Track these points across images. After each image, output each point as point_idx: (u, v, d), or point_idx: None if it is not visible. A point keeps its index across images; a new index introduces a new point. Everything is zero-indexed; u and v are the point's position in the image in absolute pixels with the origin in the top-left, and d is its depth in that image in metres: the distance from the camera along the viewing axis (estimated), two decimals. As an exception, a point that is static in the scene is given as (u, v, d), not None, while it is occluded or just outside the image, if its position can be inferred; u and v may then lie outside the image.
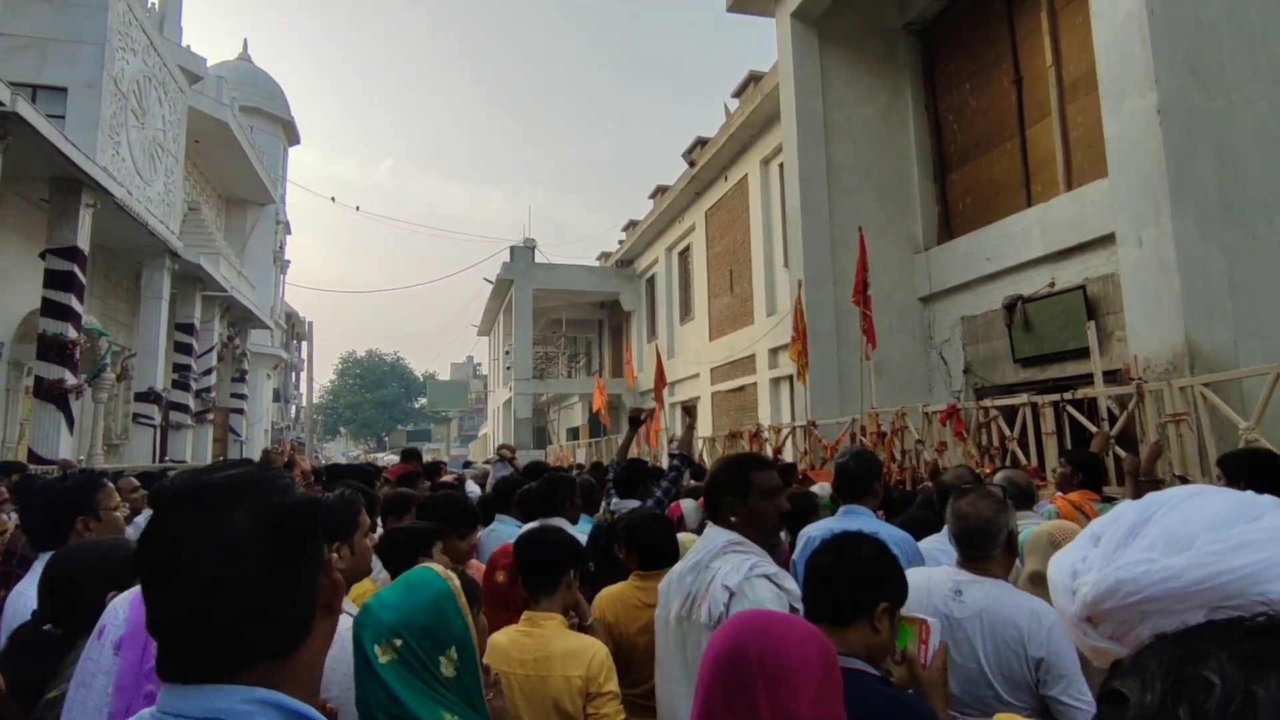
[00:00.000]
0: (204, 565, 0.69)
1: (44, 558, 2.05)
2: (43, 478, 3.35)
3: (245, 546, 0.71)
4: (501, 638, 1.97)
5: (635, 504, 3.44)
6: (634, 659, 2.25)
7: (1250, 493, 0.78)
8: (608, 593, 2.49)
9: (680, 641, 1.83)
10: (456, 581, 1.39)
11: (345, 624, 1.77)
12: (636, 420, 4.17)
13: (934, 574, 1.99)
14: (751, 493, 1.87)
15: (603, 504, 3.97)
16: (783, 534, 2.81)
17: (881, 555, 1.51)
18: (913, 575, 1.96)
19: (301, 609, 0.75)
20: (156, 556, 0.71)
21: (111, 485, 2.39)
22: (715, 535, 1.88)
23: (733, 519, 1.88)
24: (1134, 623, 0.69)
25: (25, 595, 1.93)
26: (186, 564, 0.70)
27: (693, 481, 5.20)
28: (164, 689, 0.71)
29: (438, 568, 1.43)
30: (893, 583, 1.49)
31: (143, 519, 3.98)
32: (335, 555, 2.03)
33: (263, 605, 0.71)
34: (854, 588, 1.44)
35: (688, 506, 3.54)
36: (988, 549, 1.92)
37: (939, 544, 2.52)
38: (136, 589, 1.20)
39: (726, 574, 1.75)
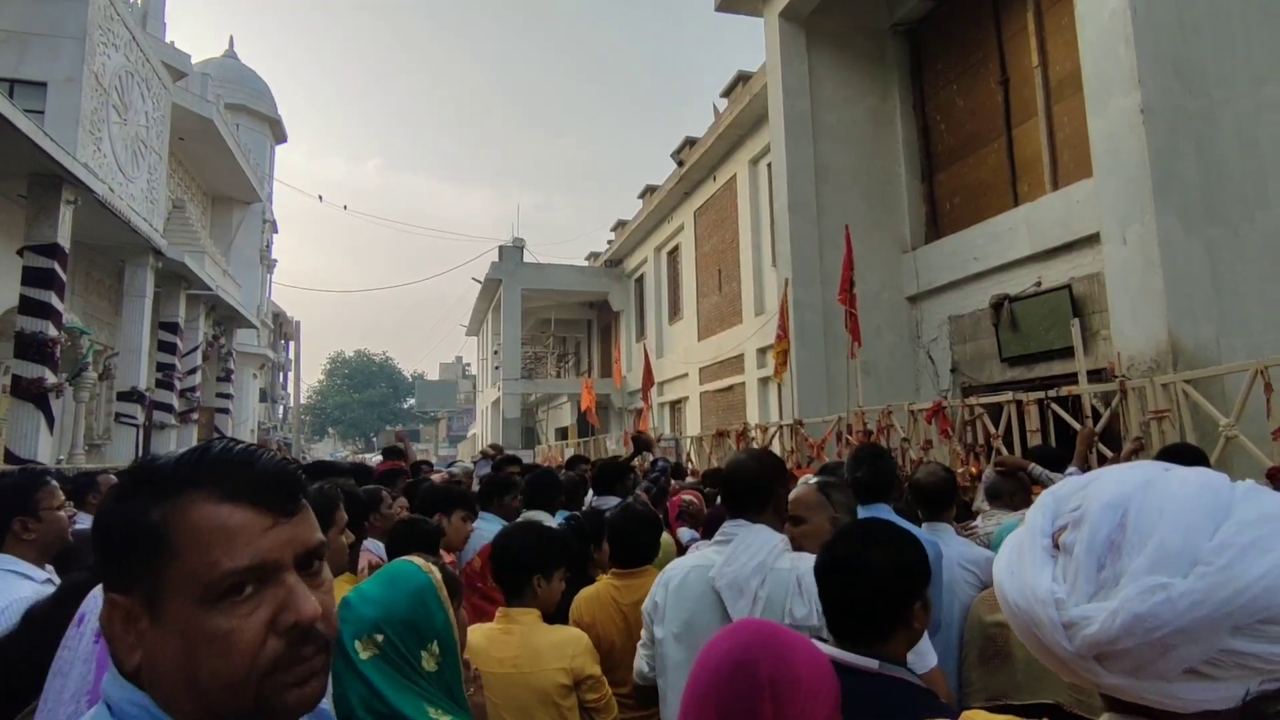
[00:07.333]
0: None
1: None
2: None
3: None
4: (479, 636, 1.94)
5: (615, 501, 3.46)
6: (615, 659, 2.24)
7: (1163, 465, 0.71)
8: (584, 595, 2.45)
9: None
10: (438, 574, 1.37)
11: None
12: (643, 444, 4.17)
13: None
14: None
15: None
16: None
17: (897, 550, 1.34)
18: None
19: None
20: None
21: (56, 484, 2.20)
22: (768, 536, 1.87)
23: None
24: (1155, 657, 0.62)
25: None
26: None
27: (674, 481, 5.22)
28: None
29: (419, 561, 1.41)
30: (920, 573, 1.34)
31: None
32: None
33: None
34: (884, 606, 1.29)
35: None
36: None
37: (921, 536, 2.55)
38: None
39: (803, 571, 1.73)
